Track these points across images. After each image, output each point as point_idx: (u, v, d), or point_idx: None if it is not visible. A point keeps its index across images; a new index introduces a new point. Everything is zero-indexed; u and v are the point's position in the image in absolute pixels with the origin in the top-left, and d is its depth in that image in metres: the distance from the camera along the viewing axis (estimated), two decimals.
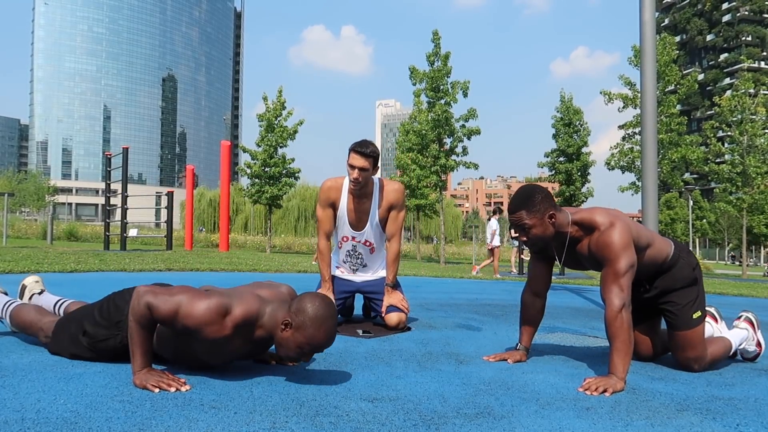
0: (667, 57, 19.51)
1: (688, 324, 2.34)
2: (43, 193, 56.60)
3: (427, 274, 9.71)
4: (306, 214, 38.99)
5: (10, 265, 6.63)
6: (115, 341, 2.03)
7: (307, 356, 1.90)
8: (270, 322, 1.90)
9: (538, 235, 2.21)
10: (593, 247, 2.20)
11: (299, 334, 1.85)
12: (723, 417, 1.73)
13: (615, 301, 2.08)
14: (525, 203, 2.20)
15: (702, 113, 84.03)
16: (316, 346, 1.86)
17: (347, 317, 3.56)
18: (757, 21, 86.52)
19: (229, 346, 1.91)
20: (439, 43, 18.58)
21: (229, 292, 1.93)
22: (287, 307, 1.91)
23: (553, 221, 2.20)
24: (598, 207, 2.30)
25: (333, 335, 1.88)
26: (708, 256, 55.72)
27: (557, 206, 2.24)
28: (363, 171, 3.02)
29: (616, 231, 2.15)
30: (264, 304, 1.91)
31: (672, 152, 18.97)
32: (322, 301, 1.88)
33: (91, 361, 2.09)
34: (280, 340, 1.88)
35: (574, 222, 2.24)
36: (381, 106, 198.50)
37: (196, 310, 1.80)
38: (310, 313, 1.84)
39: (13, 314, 2.38)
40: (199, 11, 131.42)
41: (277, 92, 20.82)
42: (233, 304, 1.85)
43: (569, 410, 1.73)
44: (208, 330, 1.81)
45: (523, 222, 2.20)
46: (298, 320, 1.84)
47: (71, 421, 1.45)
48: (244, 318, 1.86)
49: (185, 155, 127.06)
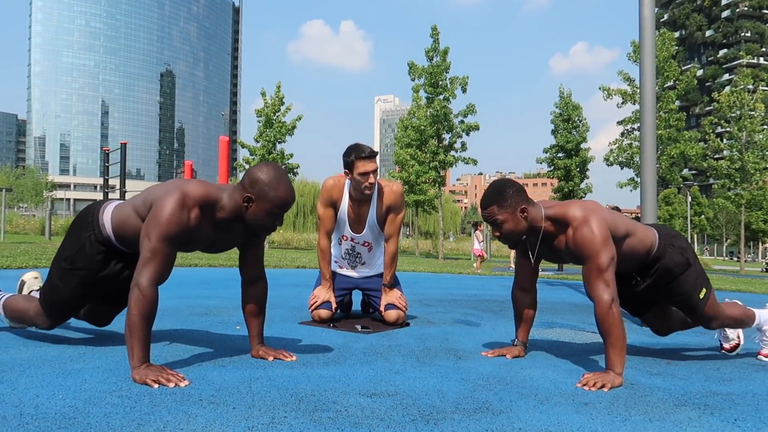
0: (666, 53, 19.49)
1: (699, 306, 2.35)
2: (41, 188, 56.45)
3: (426, 270, 9.72)
4: (305, 210, 38.99)
5: (9, 260, 6.63)
6: (90, 243, 2.11)
7: (279, 218, 2.01)
8: (230, 203, 1.99)
9: (510, 230, 2.18)
10: (570, 243, 2.17)
11: (263, 202, 1.95)
12: (721, 412, 1.73)
13: (603, 296, 2.07)
14: (496, 198, 2.17)
15: (701, 109, 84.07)
16: (283, 204, 1.97)
17: (346, 313, 3.56)
18: (757, 17, 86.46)
19: (201, 232, 1.99)
20: (438, 39, 18.56)
21: (178, 182, 2.01)
22: (241, 186, 1.99)
23: (525, 215, 2.17)
24: (573, 200, 2.27)
25: (292, 191, 1.99)
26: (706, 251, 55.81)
27: (530, 200, 2.21)
28: (376, 172, 3.04)
29: (593, 225, 2.12)
30: (219, 190, 2.01)
31: (671, 148, 18.98)
32: (268, 165, 1.99)
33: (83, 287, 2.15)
34: (249, 216, 1.98)
35: (548, 217, 2.21)
36: (380, 101, 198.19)
37: (169, 216, 1.87)
38: (264, 179, 1.94)
39: (5, 305, 2.39)
40: (197, 6, 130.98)
41: (275, 88, 20.81)
42: (189, 188, 1.95)
43: (568, 405, 1.73)
44: (186, 222, 1.90)
45: (495, 217, 2.17)
46: (257, 191, 1.94)
47: (70, 416, 1.45)
48: (204, 197, 1.95)
49: (183, 151, 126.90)
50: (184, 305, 3.77)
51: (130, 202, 2.10)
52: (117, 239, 2.11)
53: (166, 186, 2.01)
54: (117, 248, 2.14)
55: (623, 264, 2.26)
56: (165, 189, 1.98)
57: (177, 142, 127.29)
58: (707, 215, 55.03)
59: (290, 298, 4.43)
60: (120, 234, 2.09)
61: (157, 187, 2.06)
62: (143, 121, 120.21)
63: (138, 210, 2.03)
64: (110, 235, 2.11)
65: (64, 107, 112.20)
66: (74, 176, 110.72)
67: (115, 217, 2.10)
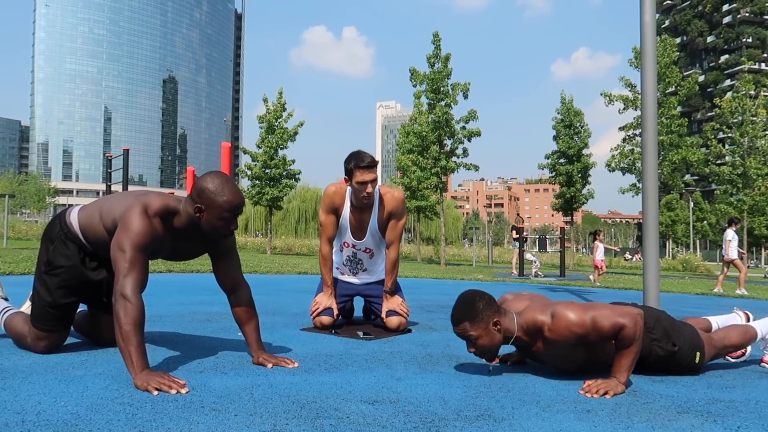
0: (668, 58, 19.53)
1: (699, 368, 2.35)
2: (44, 194, 56.61)
3: (428, 276, 9.71)
4: (306, 216, 39.00)
5: (11, 266, 6.64)
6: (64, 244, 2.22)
7: (233, 222, 2.08)
8: (185, 215, 2.10)
9: (485, 346, 2.09)
10: (553, 340, 2.07)
11: (213, 209, 2.04)
12: (724, 419, 1.72)
13: (623, 321, 2.00)
14: (468, 314, 2.06)
15: (702, 115, 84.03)
16: (233, 207, 2.05)
17: (348, 319, 3.56)
18: (758, 23, 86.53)
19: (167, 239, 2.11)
20: (439, 45, 18.60)
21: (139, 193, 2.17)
22: (189, 198, 2.09)
23: (498, 328, 2.09)
24: (529, 303, 2.18)
25: (239, 191, 2.07)
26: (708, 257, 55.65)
27: (501, 310, 2.13)
28: (375, 182, 3.04)
29: (560, 311, 2.04)
30: (177, 201, 2.13)
31: (673, 154, 18.98)
32: (211, 174, 2.08)
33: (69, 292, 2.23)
34: (204, 225, 2.08)
35: (521, 328, 2.12)
36: (381, 107, 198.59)
37: (137, 227, 1.99)
38: (210, 187, 2.03)
39: (6, 324, 2.41)
40: (199, 13, 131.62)
41: (277, 94, 20.86)
42: (149, 202, 2.06)
43: (570, 412, 1.73)
44: (153, 231, 2.03)
45: (468, 334, 2.08)
46: (204, 199, 2.03)
47: (72, 423, 1.45)
48: (163, 208, 2.06)
49: (186, 157, 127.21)
50: (186, 311, 3.77)
51: (95, 205, 2.24)
52: (84, 238, 2.23)
53: (125, 199, 2.13)
54: (87, 247, 2.24)
55: (606, 356, 2.18)
56: (126, 203, 2.10)
57: (179, 148, 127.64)
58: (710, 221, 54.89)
59: (292, 305, 4.43)
60: (86, 233, 2.21)
61: (114, 199, 2.18)
62: (146, 127, 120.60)
63: (102, 216, 2.15)
64: (78, 233, 2.22)
65: (67, 113, 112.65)
66: (77, 182, 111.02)
67: (81, 218, 2.23)
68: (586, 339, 2.06)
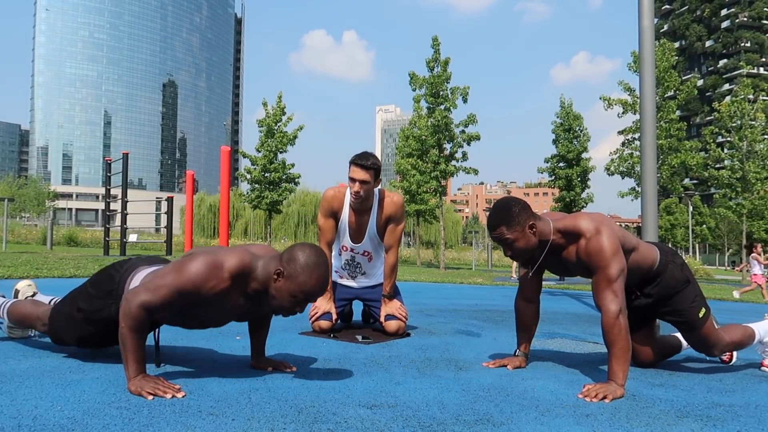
0: (667, 63, 19.57)
1: (696, 324, 2.35)
2: (43, 198, 56.61)
3: (427, 280, 9.70)
4: (306, 220, 39.04)
5: (10, 270, 6.63)
6: (109, 311, 2.04)
7: (301, 305, 1.93)
8: (263, 274, 1.93)
9: (522, 248, 2.18)
10: (582, 254, 2.17)
11: (291, 283, 1.89)
12: (723, 424, 1.72)
13: (611, 307, 2.07)
14: (504, 218, 2.15)
15: (701, 119, 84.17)
16: (309, 293, 1.90)
17: (347, 323, 3.55)
18: (756, 27, 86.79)
19: (228, 302, 1.94)
20: (438, 49, 18.65)
21: (216, 249, 1.97)
22: (279, 258, 1.94)
23: (534, 231, 2.17)
24: (581, 213, 2.28)
25: (324, 283, 1.93)
26: (708, 261, 55.66)
27: (536, 215, 2.22)
28: (364, 184, 3.02)
29: (604, 237, 2.13)
30: (256, 258, 1.95)
31: (672, 158, 19.00)
32: (312, 250, 1.93)
33: (87, 338, 2.12)
34: (274, 290, 1.92)
35: (557, 230, 2.21)
36: (381, 111, 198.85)
37: (190, 274, 1.83)
38: (301, 261, 1.88)
39: (10, 310, 2.40)
40: (199, 17, 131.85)
41: (277, 98, 20.89)
42: (225, 258, 1.89)
43: (569, 417, 1.72)
44: (206, 287, 1.85)
45: (505, 237, 2.16)
46: (290, 269, 1.88)
47: (68, 428, 1.45)
48: (239, 268, 1.89)
49: (185, 160, 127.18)
50: None
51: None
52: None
53: (208, 249, 1.98)
54: None
55: (628, 279, 2.27)
56: (206, 249, 1.96)
57: (179, 152, 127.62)
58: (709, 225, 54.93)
59: None
60: None
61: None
62: (145, 131, 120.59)
63: None
64: None
65: (67, 117, 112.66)
66: (76, 186, 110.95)
67: None
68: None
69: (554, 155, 21.81)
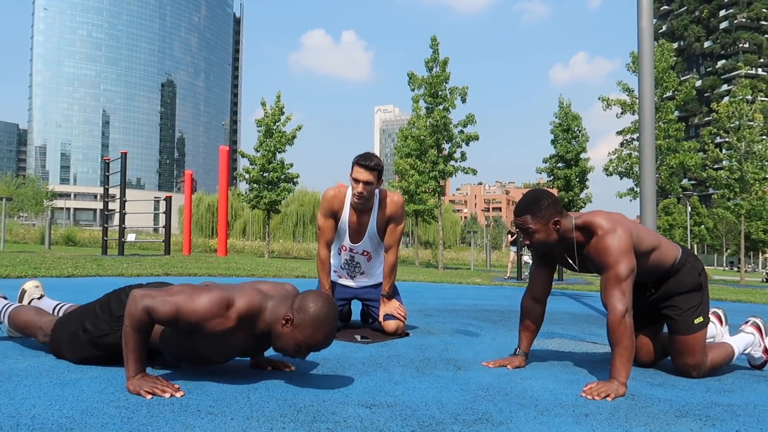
0: (665, 63, 19.59)
1: (688, 329, 2.33)
2: (42, 197, 56.47)
3: (426, 280, 9.70)
4: (304, 220, 38.99)
5: (8, 269, 6.61)
6: (115, 336, 2.01)
7: (303, 354, 1.91)
8: (271, 316, 1.90)
9: (541, 240, 2.23)
10: (592, 250, 2.21)
11: (298, 332, 1.86)
12: (722, 423, 1.72)
13: (618, 305, 2.08)
14: (531, 208, 2.21)
15: (700, 119, 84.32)
16: (313, 345, 1.88)
17: (345, 323, 3.55)
18: (755, 28, 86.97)
19: (231, 340, 1.91)
20: (437, 49, 18.64)
21: (230, 287, 1.94)
22: (290, 303, 1.90)
23: (557, 227, 2.22)
24: (601, 210, 2.30)
25: (331, 338, 1.90)
26: (706, 262, 55.76)
27: (563, 212, 2.25)
28: (368, 185, 3.01)
29: (615, 235, 2.15)
30: (266, 299, 1.92)
31: (670, 158, 19.03)
32: (324, 302, 1.88)
33: (89, 359, 2.08)
34: (279, 334, 1.89)
35: (577, 227, 2.25)
36: (380, 111, 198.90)
37: (198, 305, 1.80)
38: (311, 312, 1.84)
39: (12, 315, 2.38)
40: (198, 17, 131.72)
41: (275, 98, 20.88)
42: (235, 297, 1.86)
43: (568, 416, 1.72)
44: (211, 323, 1.82)
45: (528, 226, 2.21)
46: (299, 318, 1.85)
47: (67, 427, 1.44)
48: (248, 310, 1.86)
49: (184, 160, 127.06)
50: None
51: None
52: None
53: (223, 285, 1.94)
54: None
55: (646, 276, 2.30)
56: (220, 285, 1.93)
57: (177, 152, 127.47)
58: (707, 225, 55.05)
59: None
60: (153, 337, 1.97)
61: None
62: (144, 130, 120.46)
63: None
64: None
65: (65, 117, 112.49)
66: (75, 185, 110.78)
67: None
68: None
69: (553, 155, 21.82)
